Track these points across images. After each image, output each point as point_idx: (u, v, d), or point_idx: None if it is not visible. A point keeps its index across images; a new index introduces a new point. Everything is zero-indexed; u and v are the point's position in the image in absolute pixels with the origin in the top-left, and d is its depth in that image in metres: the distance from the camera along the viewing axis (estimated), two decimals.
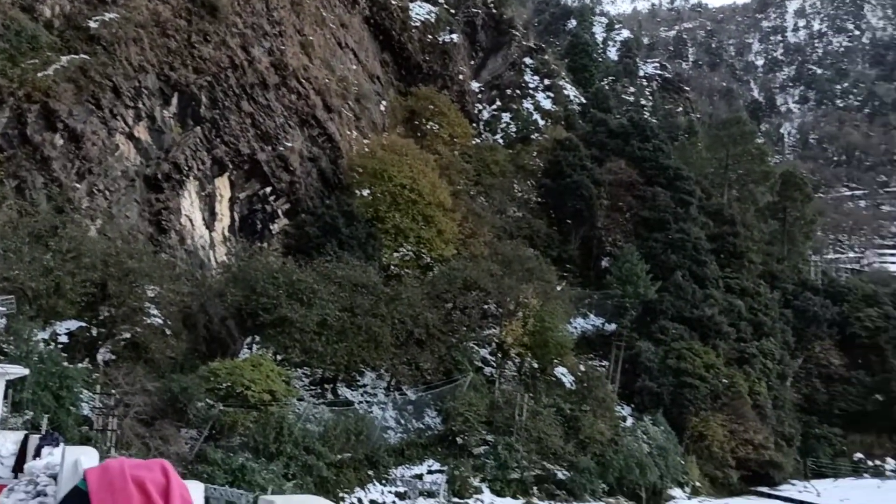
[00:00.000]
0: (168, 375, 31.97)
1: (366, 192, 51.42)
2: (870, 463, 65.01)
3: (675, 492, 49.28)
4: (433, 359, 44.86)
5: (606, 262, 66.69)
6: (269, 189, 49.69)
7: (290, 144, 50.68)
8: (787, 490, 55.39)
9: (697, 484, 51.32)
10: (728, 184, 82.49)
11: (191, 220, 44.18)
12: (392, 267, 48.55)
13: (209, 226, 45.92)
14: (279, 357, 37.79)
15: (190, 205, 44.22)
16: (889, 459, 65.79)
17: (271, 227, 50.17)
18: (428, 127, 64.80)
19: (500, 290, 47.44)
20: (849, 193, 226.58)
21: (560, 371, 53.20)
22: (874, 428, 67.90)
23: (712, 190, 79.27)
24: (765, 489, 54.92)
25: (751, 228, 75.45)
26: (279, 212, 50.72)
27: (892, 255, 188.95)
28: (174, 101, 43.79)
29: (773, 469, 55.44)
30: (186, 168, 43.63)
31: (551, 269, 55.33)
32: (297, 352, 37.02)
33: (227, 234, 47.56)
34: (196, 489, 4.24)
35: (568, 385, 52.41)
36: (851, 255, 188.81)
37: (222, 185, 47.36)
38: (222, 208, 47.28)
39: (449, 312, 46.92)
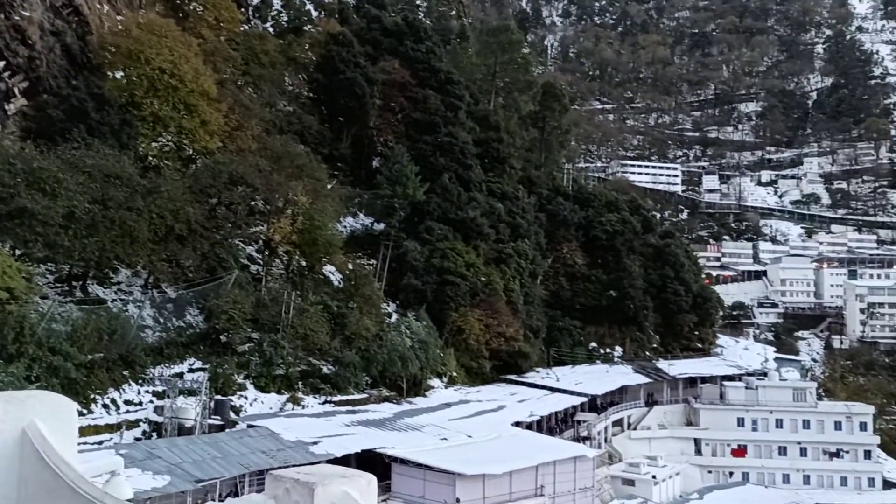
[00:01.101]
0: None
1: (119, 75, 46.82)
2: (602, 351, 73.00)
3: (435, 382, 52.35)
4: (196, 256, 43.03)
5: (377, 163, 67.10)
6: (2, 64, 43.71)
7: (27, 14, 44.60)
8: (532, 377, 61.03)
9: (454, 374, 54.87)
10: (495, 91, 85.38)
11: None
12: (150, 158, 45.16)
13: None
14: (18, 252, 34.27)
15: None
16: (617, 347, 74.32)
17: (6, 108, 44.43)
18: (191, 7, 59.84)
19: (268, 186, 46.12)
20: (600, 107, 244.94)
21: (328, 269, 53.50)
22: (607, 320, 75.99)
23: (480, 96, 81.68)
24: (513, 377, 60.05)
25: (514, 135, 79.20)
26: (16, 90, 44.91)
27: (633, 165, 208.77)
28: None
29: (521, 359, 60.55)
30: None
31: (322, 167, 54.59)
32: (39, 246, 33.75)
33: None
34: None
35: (336, 283, 52.95)
36: (599, 164, 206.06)
37: None
38: None
39: (213, 208, 44.95)
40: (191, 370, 39.49)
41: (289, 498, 6.53)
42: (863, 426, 70.98)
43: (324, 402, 43.27)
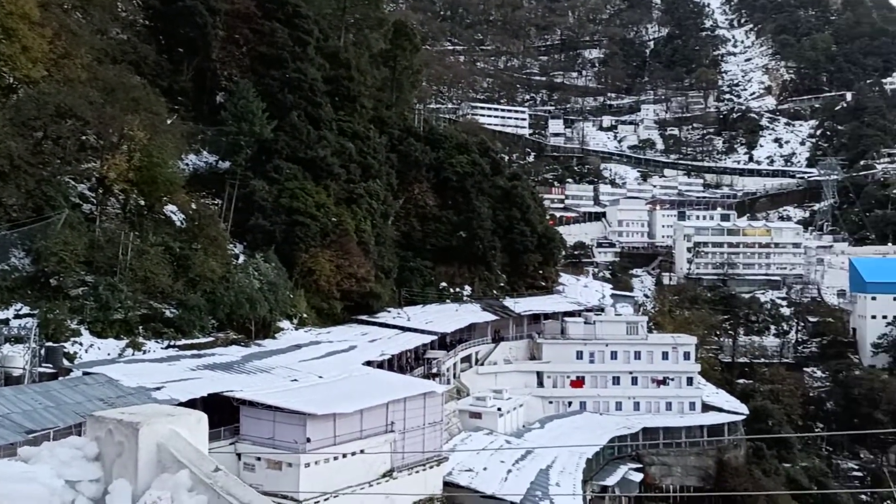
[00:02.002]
0: None
1: None
2: (452, 290, 74.60)
3: (284, 324, 51.70)
4: (20, 194, 39.78)
5: (222, 98, 64.11)
6: None
7: None
8: (384, 317, 61.54)
9: (305, 315, 54.36)
10: (345, 27, 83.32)
11: None
12: None
13: None
14: None
15: None
16: (467, 287, 76.16)
17: None
18: None
19: (100, 120, 43.07)
20: (451, 48, 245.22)
21: (170, 209, 51.00)
22: (457, 260, 77.57)
23: (330, 32, 79.45)
24: (365, 317, 60.31)
25: (364, 74, 77.85)
26: None
27: (483, 108, 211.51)
28: None
29: (372, 299, 60.82)
30: None
31: (161, 100, 51.54)
32: None
33: None
34: None
35: (178, 223, 50.63)
36: (450, 105, 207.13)
37: None
38: None
39: (39, 142, 41.54)
40: (17, 316, 36.85)
41: (112, 439, 6.18)
42: (686, 356, 77.11)
43: (167, 347, 41.75)
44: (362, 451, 36.54)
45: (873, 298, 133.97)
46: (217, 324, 46.09)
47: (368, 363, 47.04)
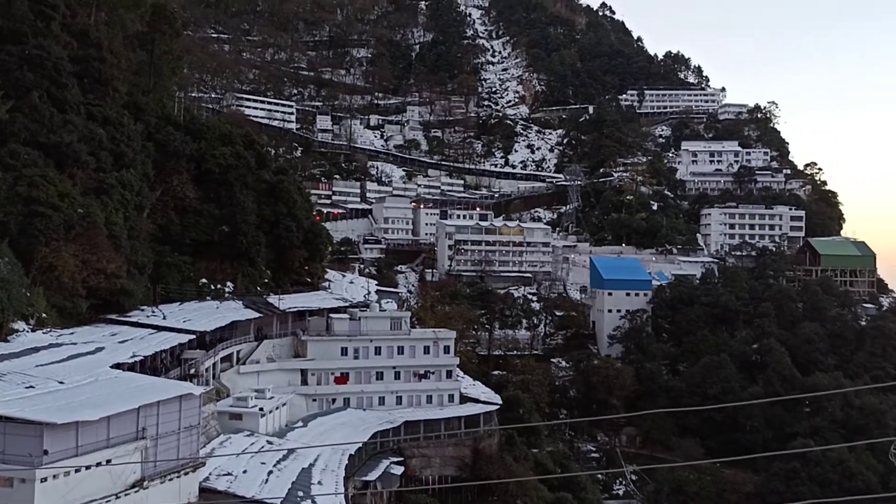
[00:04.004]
0: None
1: None
2: (212, 287, 71.70)
3: (19, 325, 46.73)
4: None
5: None
6: None
7: None
8: (137, 315, 57.69)
9: (44, 315, 49.47)
10: (97, 4, 76.95)
11: None
12: None
13: None
14: None
15: None
16: (229, 283, 73.61)
17: None
18: None
19: None
20: (215, 36, 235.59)
21: None
22: (219, 255, 74.69)
23: (79, 8, 72.96)
24: (115, 316, 56.14)
25: (118, 56, 72.30)
26: None
27: (249, 100, 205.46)
28: None
29: (123, 297, 56.79)
30: None
31: None
32: None
33: None
34: None
35: None
36: (213, 95, 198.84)
37: None
38: None
39: None
40: None
41: None
42: (446, 349, 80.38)
43: None
44: (109, 462, 34.10)
45: (609, 294, 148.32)
46: None
47: (118, 366, 43.94)
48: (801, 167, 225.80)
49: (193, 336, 57.97)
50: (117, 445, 34.83)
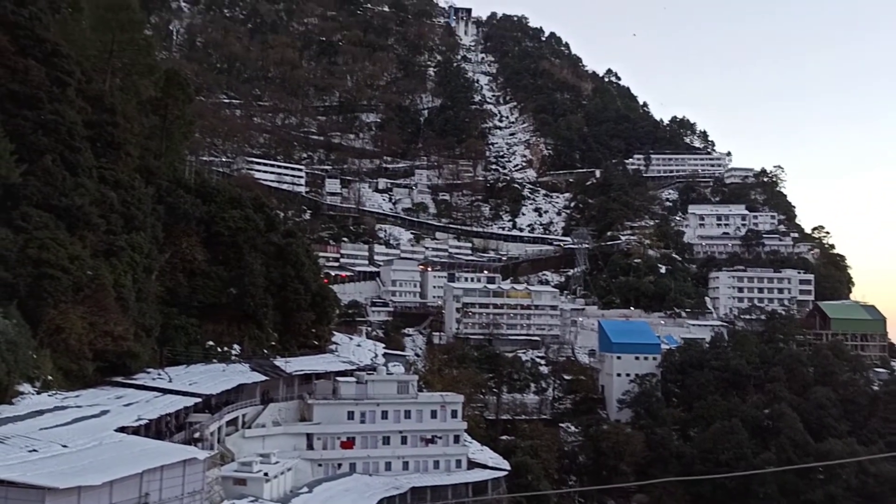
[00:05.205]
0: None
1: None
2: (219, 350, 71.41)
3: (24, 387, 46.44)
4: None
5: None
6: None
7: None
8: (142, 378, 57.32)
9: (50, 378, 49.21)
10: (112, 71, 78.76)
11: None
12: None
13: None
14: None
15: None
16: (235, 346, 73.31)
17: None
18: None
19: None
20: (227, 101, 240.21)
21: None
22: (226, 318, 74.59)
23: (94, 74, 74.71)
24: (121, 379, 55.81)
25: (131, 121, 73.71)
26: None
27: (259, 163, 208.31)
28: None
29: (130, 359, 56.54)
30: None
31: None
32: None
33: None
34: None
35: None
36: (224, 159, 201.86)
37: None
38: None
39: None
40: None
41: None
42: (454, 414, 79.40)
43: None
44: None
45: (618, 358, 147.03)
46: None
47: (123, 429, 43.45)
48: (808, 231, 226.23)
49: (199, 399, 57.44)
50: None
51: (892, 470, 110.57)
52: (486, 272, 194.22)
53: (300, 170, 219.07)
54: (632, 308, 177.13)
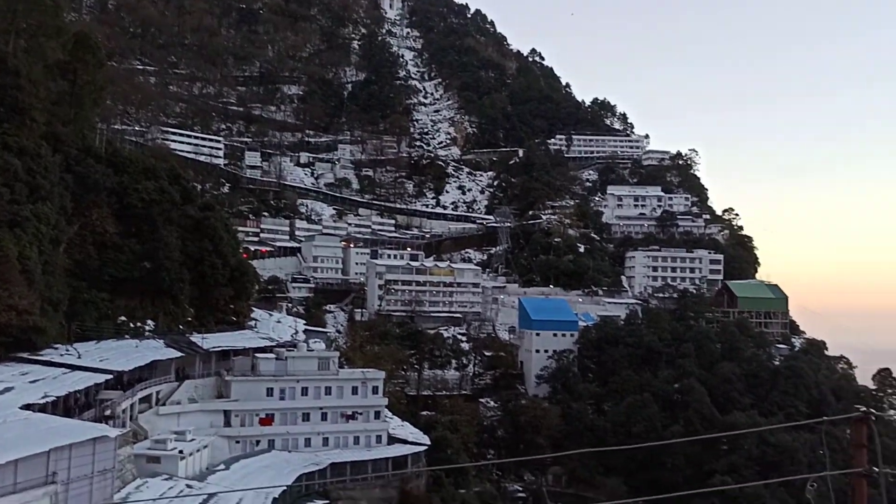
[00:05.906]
0: None
1: None
2: (132, 325, 69.24)
3: None
4: None
5: None
6: None
7: None
8: (50, 354, 55.09)
9: None
10: (16, 32, 74.67)
11: None
12: None
13: None
14: None
15: None
16: (149, 321, 71.21)
17: None
18: None
19: None
20: (141, 67, 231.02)
21: None
22: (140, 293, 72.42)
23: None
24: (26, 354, 53.51)
25: (37, 85, 70.11)
26: None
27: (175, 133, 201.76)
28: None
29: (35, 334, 54.22)
30: None
31: None
32: None
33: None
34: None
35: None
36: (138, 128, 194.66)
37: None
38: None
39: None
40: None
41: None
42: (375, 390, 79.38)
43: None
44: None
45: (537, 334, 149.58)
46: None
47: (28, 407, 41.72)
48: (719, 213, 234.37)
49: (110, 376, 55.60)
50: (25, 490, 32.92)
51: (789, 440, 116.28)
52: (409, 249, 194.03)
53: (219, 141, 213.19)
54: (551, 286, 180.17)
